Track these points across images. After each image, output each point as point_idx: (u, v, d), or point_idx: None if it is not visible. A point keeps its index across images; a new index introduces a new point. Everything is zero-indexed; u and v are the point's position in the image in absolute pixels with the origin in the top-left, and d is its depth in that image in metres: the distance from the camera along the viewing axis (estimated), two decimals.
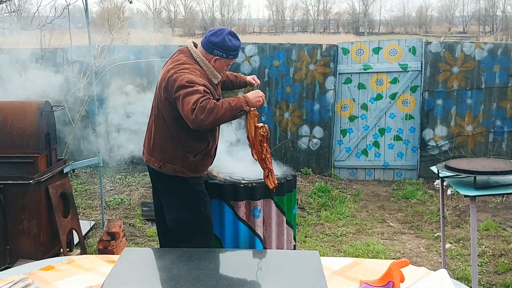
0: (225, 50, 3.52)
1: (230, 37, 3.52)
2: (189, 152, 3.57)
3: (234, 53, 3.56)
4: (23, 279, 2.29)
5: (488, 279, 4.70)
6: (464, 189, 3.86)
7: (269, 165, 3.56)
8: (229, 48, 3.52)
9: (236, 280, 2.35)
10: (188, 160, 3.58)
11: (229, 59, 3.60)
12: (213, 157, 3.83)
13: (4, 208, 4.39)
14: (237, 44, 3.57)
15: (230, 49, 3.54)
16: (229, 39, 3.51)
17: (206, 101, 3.18)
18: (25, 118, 4.46)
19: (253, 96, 3.39)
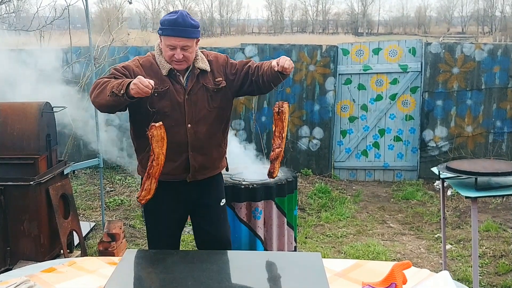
0: (160, 24, 3.08)
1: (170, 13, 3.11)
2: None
3: (162, 27, 3.04)
4: (25, 281, 2.29)
5: (489, 280, 4.70)
6: (465, 190, 3.86)
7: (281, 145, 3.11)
8: (161, 21, 3.08)
9: (238, 281, 2.35)
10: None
11: (163, 36, 3.06)
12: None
13: (4, 209, 4.38)
14: (168, 17, 3.05)
15: (162, 22, 3.06)
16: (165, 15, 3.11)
17: (101, 79, 2.99)
18: (25, 119, 4.45)
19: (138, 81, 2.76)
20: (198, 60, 3.20)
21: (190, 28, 3.04)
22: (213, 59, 3.29)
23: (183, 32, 3.02)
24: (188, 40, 3.05)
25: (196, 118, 3.16)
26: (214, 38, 44.21)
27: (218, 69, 3.27)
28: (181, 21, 3.00)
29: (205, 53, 3.31)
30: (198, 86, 3.18)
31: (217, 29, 65.52)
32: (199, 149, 3.20)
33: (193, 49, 3.12)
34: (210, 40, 37.95)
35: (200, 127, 3.18)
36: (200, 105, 3.18)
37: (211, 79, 3.22)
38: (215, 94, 3.21)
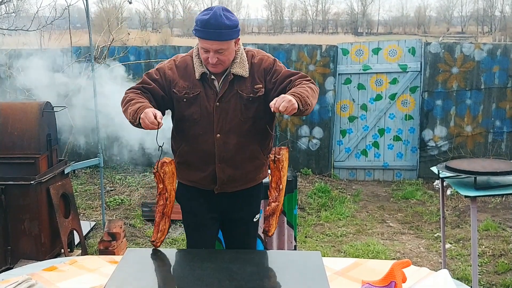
0: (194, 24, 2.80)
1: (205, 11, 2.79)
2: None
3: (196, 27, 2.77)
4: (26, 279, 2.30)
5: (488, 279, 4.71)
6: (465, 189, 3.88)
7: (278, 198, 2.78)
8: (195, 21, 2.79)
9: (238, 280, 2.36)
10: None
11: (197, 37, 2.80)
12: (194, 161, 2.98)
13: (5, 208, 4.39)
14: (201, 16, 2.74)
15: (195, 22, 2.78)
16: (200, 13, 2.80)
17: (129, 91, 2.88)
18: (26, 119, 4.47)
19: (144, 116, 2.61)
20: (235, 64, 2.87)
21: (225, 30, 2.71)
22: (257, 61, 2.94)
23: (215, 35, 2.71)
24: (222, 43, 2.74)
25: (226, 128, 2.86)
26: None
27: (259, 74, 2.92)
28: (214, 22, 2.68)
29: (250, 54, 2.97)
30: (231, 93, 2.87)
31: None
32: (228, 161, 2.90)
33: (231, 51, 2.81)
34: None
35: (231, 138, 2.88)
36: (232, 114, 2.87)
37: (248, 85, 2.89)
38: (250, 103, 2.87)
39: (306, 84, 2.78)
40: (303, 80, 2.85)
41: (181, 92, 2.87)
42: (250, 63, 2.92)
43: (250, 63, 2.92)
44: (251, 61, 2.93)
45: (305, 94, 2.68)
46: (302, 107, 2.63)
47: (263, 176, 3.09)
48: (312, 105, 2.73)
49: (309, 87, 2.75)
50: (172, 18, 58.96)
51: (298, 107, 2.60)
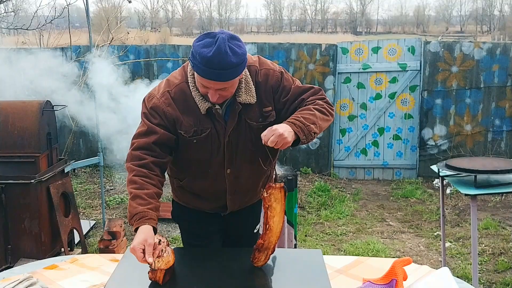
0: (192, 54, 2.31)
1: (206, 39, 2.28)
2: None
3: (194, 61, 2.28)
4: (27, 277, 2.30)
5: (488, 277, 4.72)
6: (465, 188, 3.88)
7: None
8: (193, 52, 2.29)
9: (239, 278, 2.37)
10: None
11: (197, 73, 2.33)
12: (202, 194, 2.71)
13: (5, 207, 4.40)
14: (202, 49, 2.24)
15: (194, 54, 2.29)
16: (200, 41, 2.29)
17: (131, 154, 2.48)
18: (26, 117, 4.47)
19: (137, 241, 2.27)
20: (241, 91, 2.45)
21: (230, 69, 2.25)
22: (262, 79, 2.50)
23: (219, 76, 2.27)
24: (226, 83, 2.32)
25: (237, 162, 2.56)
26: None
27: (267, 94, 2.51)
28: (217, 62, 2.21)
29: (253, 69, 2.51)
30: (240, 124, 2.50)
31: (215, 28, 65.49)
32: (239, 192, 2.66)
33: (235, 86, 2.41)
34: None
35: (243, 171, 2.60)
36: (242, 147, 2.54)
37: (257, 111, 2.51)
38: (261, 130, 2.39)
39: (317, 105, 2.46)
40: (316, 98, 2.51)
41: (189, 133, 2.48)
42: (255, 82, 2.49)
43: (255, 82, 2.49)
44: (255, 80, 2.49)
45: (310, 120, 2.38)
46: (304, 137, 2.34)
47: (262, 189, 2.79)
48: (320, 130, 2.44)
49: (320, 108, 2.46)
50: (171, 18, 58.93)
51: (298, 137, 2.33)
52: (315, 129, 2.37)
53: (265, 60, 2.60)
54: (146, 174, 2.39)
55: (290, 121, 2.36)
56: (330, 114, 2.51)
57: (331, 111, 2.52)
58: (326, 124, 2.48)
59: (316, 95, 2.53)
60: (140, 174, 2.38)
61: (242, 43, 2.34)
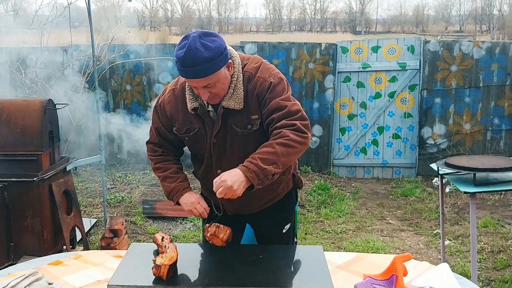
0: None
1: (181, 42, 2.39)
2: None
3: (177, 64, 2.39)
4: (33, 273, 2.33)
5: (487, 275, 4.75)
6: (464, 185, 3.91)
7: None
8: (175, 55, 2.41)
9: (242, 273, 2.40)
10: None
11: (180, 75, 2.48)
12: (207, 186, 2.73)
13: (8, 205, 4.42)
14: (177, 51, 2.36)
15: (175, 59, 2.41)
16: (178, 45, 2.39)
17: (148, 146, 2.82)
18: (28, 116, 4.49)
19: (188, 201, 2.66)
20: (227, 95, 2.48)
21: (205, 64, 2.31)
22: (251, 87, 2.50)
23: (195, 73, 2.34)
24: (206, 78, 2.36)
25: (225, 165, 2.55)
26: None
27: (254, 102, 2.50)
28: (190, 60, 2.30)
29: (248, 75, 2.52)
30: (226, 128, 2.54)
31: (215, 27, 65.52)
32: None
33: (222, 81, 2.43)
34: None
35: None
36: (230, 150, 2.58)
37: (244, 117, 2.51)
38: (247, 137, 2.53)
39: (282, 137, 2.37)
40: (285, 124, 2.41)
41: (182, 130, 2.63)
42: (246, 89, 2.50)
43: (246, 88, 2.50)
44: (247, 87, 2.50)
45: (269, 161, 2.33)
46: (258, 182, 2.32)
47: (283, 191, 2.81)
48: (284, 166, 2.41)
49: (284, 142, 2.36)
50: (171, 17, 58.92)
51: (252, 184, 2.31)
52: (274, 170, 2.33)
53: (266, 67, 2.55)
54: (164, 159, 2.77)
55: (245, 165, 2.33)
56: (300, 143, 2.40)
57: (301, 139, 2.40)
58: (293, 157, 2.43)
59: (288, 118, 2.42)
60: (159, 160, 2.76)
61: (218, 38, 2.38)
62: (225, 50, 2.38)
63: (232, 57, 2.51)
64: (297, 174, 2.94)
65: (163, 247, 2.44)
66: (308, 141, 2.45)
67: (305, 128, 2.43)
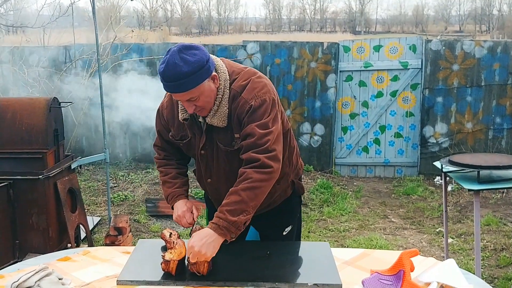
0: None
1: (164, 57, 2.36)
2: None
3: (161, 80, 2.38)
4: (43, 268, 2.35)
5: (490, 272, 4.77)
6: (468, 183, 3.93)
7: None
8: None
9: (250, 269, 2.41)
10: None
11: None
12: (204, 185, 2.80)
13: (13, 203, 4.43)
14: (160, 65, 2.36)
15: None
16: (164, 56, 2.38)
17: (154, 148, 2.90)
18: (33, 114, 4.50)
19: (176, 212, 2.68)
20: (211, 112, 2.45)
21: (184, 79, 2.28)
22: (234, 106, 2.45)
23: (175, 87, 2.32)
24: (187, 93, 2.34)
25: (215, 176, 2.64)
26: (211, 37, 44.25)
27: (236, 121, 2.47)
28: (170, 75, 2.29)
29: (233, 93, 2.46)
30: (212, 143, 2.55)
31: (214, 27, 65.57)
32: (220, 202, 2.51)
33: (206, 94, 2.39)
34: (208, 38, 38.00)
35: (222, 185, 2.61)
36: (216, 163, 2.60)
37: (228, 135, 2.50)
38: (231, 154, 2.52)
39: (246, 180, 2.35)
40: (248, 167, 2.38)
41: (177, 136, 2.66)
42: (230, 107, 2.46)
43: (230, 107, 2.46)
44: (231, 105, 2.46)
45: (238, 211, 2.33)
46: (232, 235, 2.34)
47: (279, 198, 2.78)
48: (255, 207, 2.38)
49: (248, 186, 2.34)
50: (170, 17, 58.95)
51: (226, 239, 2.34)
52: (245, 218, 2.34)
53: (253, 87, 2.46)
54: (165, 163, 2.83)
55: (214, 222, 2.33)
56: (265, 180, 2.36)
57: (266, 176, 2.36)
58: (261, 196, 2.39)
59: (253, 150, 2.38)
60: (161, 164, 2.84)
61: (199, 51, 2.32)
62: (207, 63, 2.33)
63: (219, 71, 2.45)
64: (297, 181, 2.87)
65: (171, 243, 2.46)
66: (274, 173, 2.40)
67: (271, 160, 2.37)
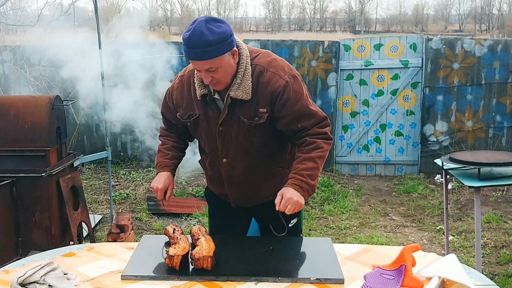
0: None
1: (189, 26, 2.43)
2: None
3: (183, 46, 2.42)
4: (48, 263, 2.37)
5: (491, 269, 4.80)
6: (468, 180, 3.95)
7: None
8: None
9: (253, 263, 2.43)
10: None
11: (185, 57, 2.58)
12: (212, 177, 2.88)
13: (16, 200, 4.45)
14: (185, 33, 2.41)
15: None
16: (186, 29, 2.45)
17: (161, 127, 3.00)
18: (36, 112, 4.52)
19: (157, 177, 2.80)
20: (235, 85, 2.50)
21: (208, 47, 2.34)
22: (265, 81, 2.52)
23: (198, 55, 2.38)
24: (209, 61, 2.39)
25: (231, 154, 2.65)
26: None
27: (265, 97, 2.53)
28: (194, 41, 2.35)
29: (259, 69, 2.54)
30: (232, 117, 2.57)
31: None
32: (237, 184, 2.74)
33: (225, 68, 2.45)
34: None
35: (238, 163, 2.67)
36: (236, 140, 2.62)
37: (252, 109, 2.55)
38: (253, 128, 2.57)
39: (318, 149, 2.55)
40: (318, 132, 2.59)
41: (184, 116, 2.70)
42: (257, 81, 2.52)
43: (257, 81, 2.52)
44: (258, 79, 2.52)
45: (314, 176, 2.52)
46: (308, 198, 2.53)
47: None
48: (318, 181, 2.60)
49: (321, 155, 2.54)
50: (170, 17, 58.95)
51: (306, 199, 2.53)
52: (316, 184, 2.55)
53: (279, 64, 2.59)
54: (166, 134, 2.91)
55: (296, 183, 2.48)
56: (329, 150, 2.64)
57: (330, 146, 2.63)
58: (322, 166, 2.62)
59: (319, 125, 2.60)
60: (162, 134, 2.93)
61: (225, 24, 2.41)
62: (230, 37, 2.41)
63: (240, 47, 2.54)
64: None
65: (175, 238, 2.48)
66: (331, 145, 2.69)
67: (330, 133, 2.67)
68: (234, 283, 2.28)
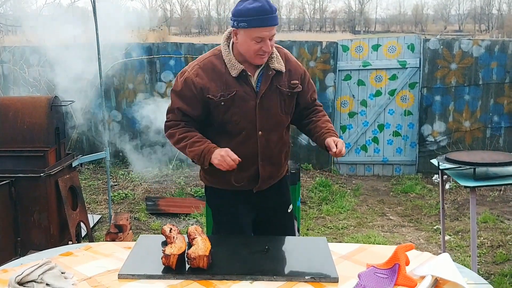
0: (237, 16, 2.68)
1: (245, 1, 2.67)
2: None
3: (247, 18, 2.62)
4: (46, 262, 2.39)
5: (487, 269, 4.82)
6: (464, 180, 3.98)
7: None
8: (240, 13, 2.66)
9: (249, 262, 2.46)
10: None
11: (248, 29, 2.65)
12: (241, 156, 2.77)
13: (15, 200, 4.48)
14: (251, 5, 2.62)
15: (242, 13, 2.65)
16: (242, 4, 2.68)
17: (167, 124, 2.90)
18: (35, 112, 4.55)
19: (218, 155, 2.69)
20: (273, 59, 2.81)
21: (276, 13, 2.68)
22: (293, 62, 2.93)
23: (273, 20, 2.66)
24: (275, 28, 2.70)
25: (268, 126, 2.83)
26: (211, 36, 44.27)
27: (296, 71, 2.91)
28: (268, 8, 2.63)
29: (283, 51, 2.92)
30: (271, 89, 2.81)
31: (214, 27, 65.61)
32: (269, 158, 2.90)
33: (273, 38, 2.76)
34: (207, 38, 38.02)
35: (272, 135, 2.87)
36: (273, 111, 2.84)
37: (286, 80, 2.86)
38: (289, 98, 2.89)
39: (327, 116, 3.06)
40: (321, 107, 3.11)
41: (217, 96, 2.75)
42: (285, 59, 2.86)
43: (285, 59, 2.86)
44: (285, 58, 2.87)
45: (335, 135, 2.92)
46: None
47: (286, 169, 3.15)
48: None
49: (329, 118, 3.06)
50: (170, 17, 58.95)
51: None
52: None
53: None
54: (187, 129, 2.82)
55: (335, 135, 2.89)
56: None
57: None
58: None
59: (321, 107, 3.13)
60: (183, 131, 2.81)
61: None
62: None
63: None
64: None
65: (171, 238, 2.51)
66: None
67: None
68: (229, 282, 2.31)
